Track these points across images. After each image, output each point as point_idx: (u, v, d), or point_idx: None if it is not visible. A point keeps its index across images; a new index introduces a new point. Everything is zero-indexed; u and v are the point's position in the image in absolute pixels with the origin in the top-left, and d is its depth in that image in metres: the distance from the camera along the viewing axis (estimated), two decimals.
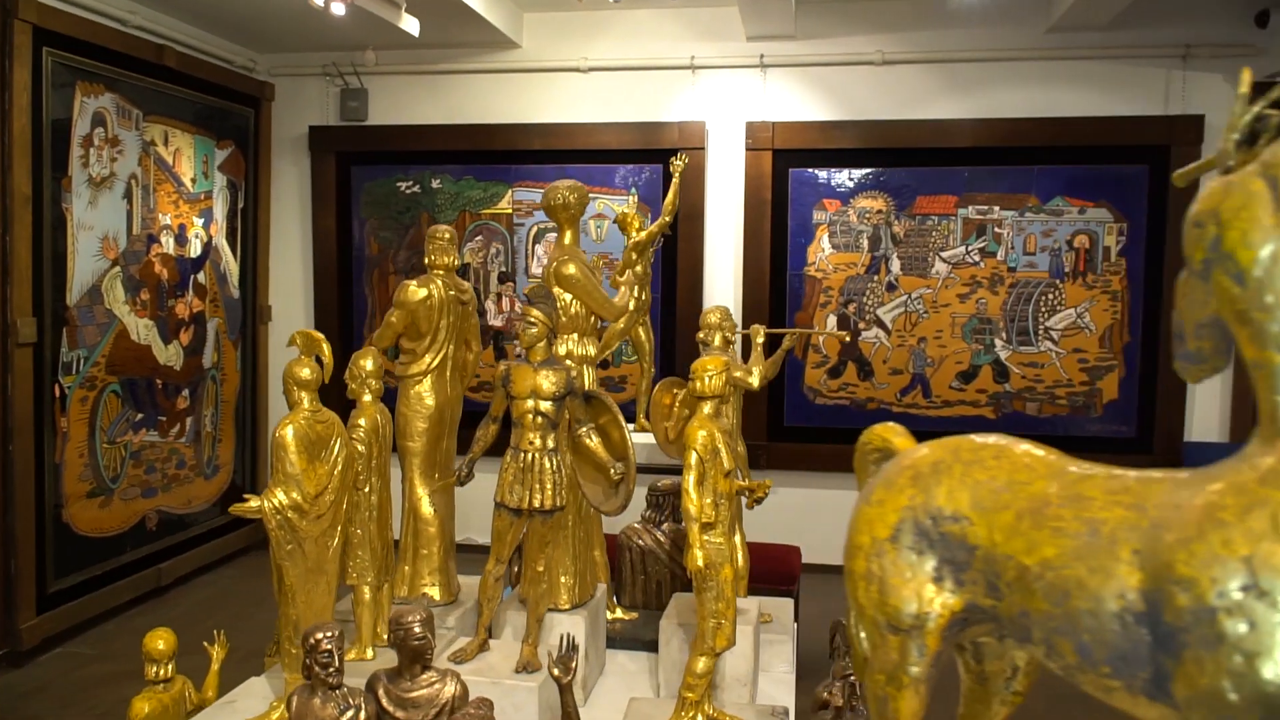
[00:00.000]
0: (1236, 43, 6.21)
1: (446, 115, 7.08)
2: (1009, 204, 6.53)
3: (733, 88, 6.79)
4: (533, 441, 3.35)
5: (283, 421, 3.15)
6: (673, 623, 3.58)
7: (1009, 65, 6.51)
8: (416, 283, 3.98)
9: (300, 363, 3.27)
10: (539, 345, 3.39)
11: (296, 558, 3.15)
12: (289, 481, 3.09)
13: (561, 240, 4.05)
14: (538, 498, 3.33)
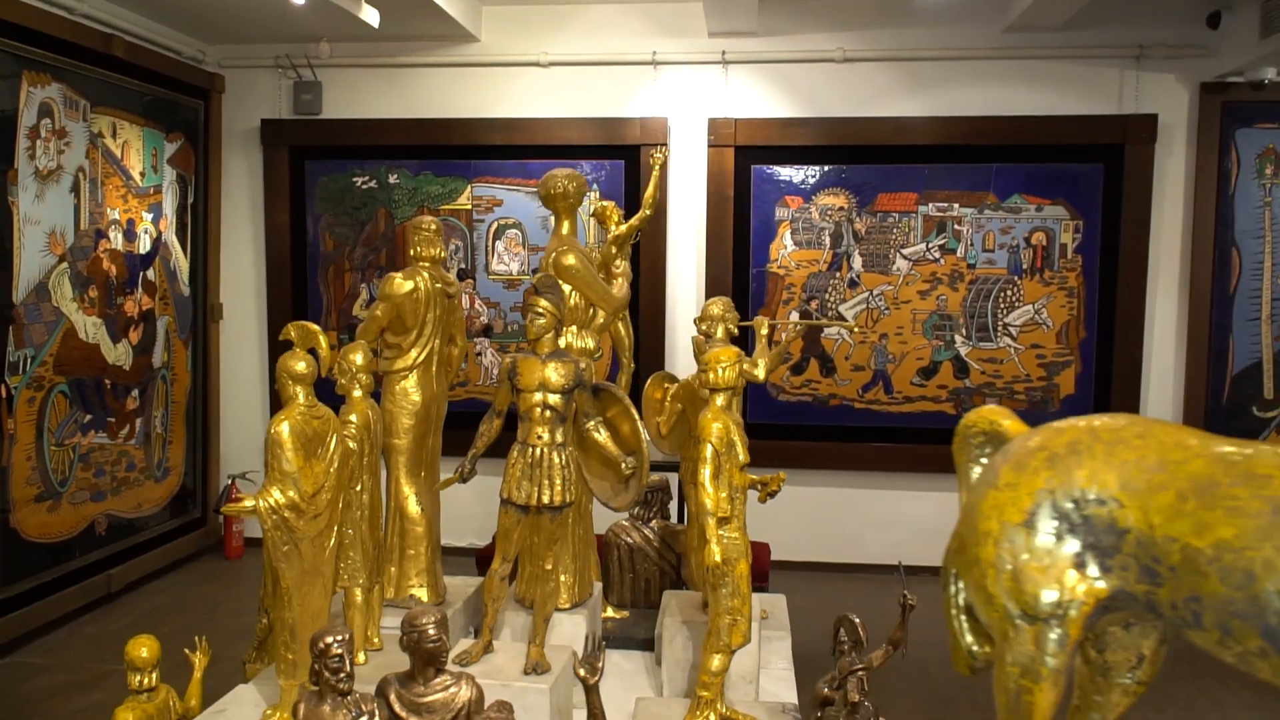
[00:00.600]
0: (1188, 43, 6.34)
1: (404, 109, 6.96)
2: (968, 201, 6.59)
3: (695, 84, 6.77)
4: (541, 436, 3.26)
5: (277, 417, 3.05)
6: (676, 620, 3.52)
7: (967, 64, 6.57)
8: (402, 275, 3.89)
9: (295, 356, 3.16)
10: (547, 337, 3.32)
11: (293, 559, 3.04)
12: (285, 480, 2.99)
13: (559, 230, 3.98)
14: (546, 494, 3.25)
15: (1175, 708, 4.89)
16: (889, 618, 3.16)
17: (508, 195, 6.90)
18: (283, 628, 3.10)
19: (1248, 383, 6.50)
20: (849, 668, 2.78)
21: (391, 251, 7.03)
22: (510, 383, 3.34)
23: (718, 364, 3.00)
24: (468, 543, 6.94)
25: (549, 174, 4.06)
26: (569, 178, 3.99)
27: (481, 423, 3.47)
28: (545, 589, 3.43)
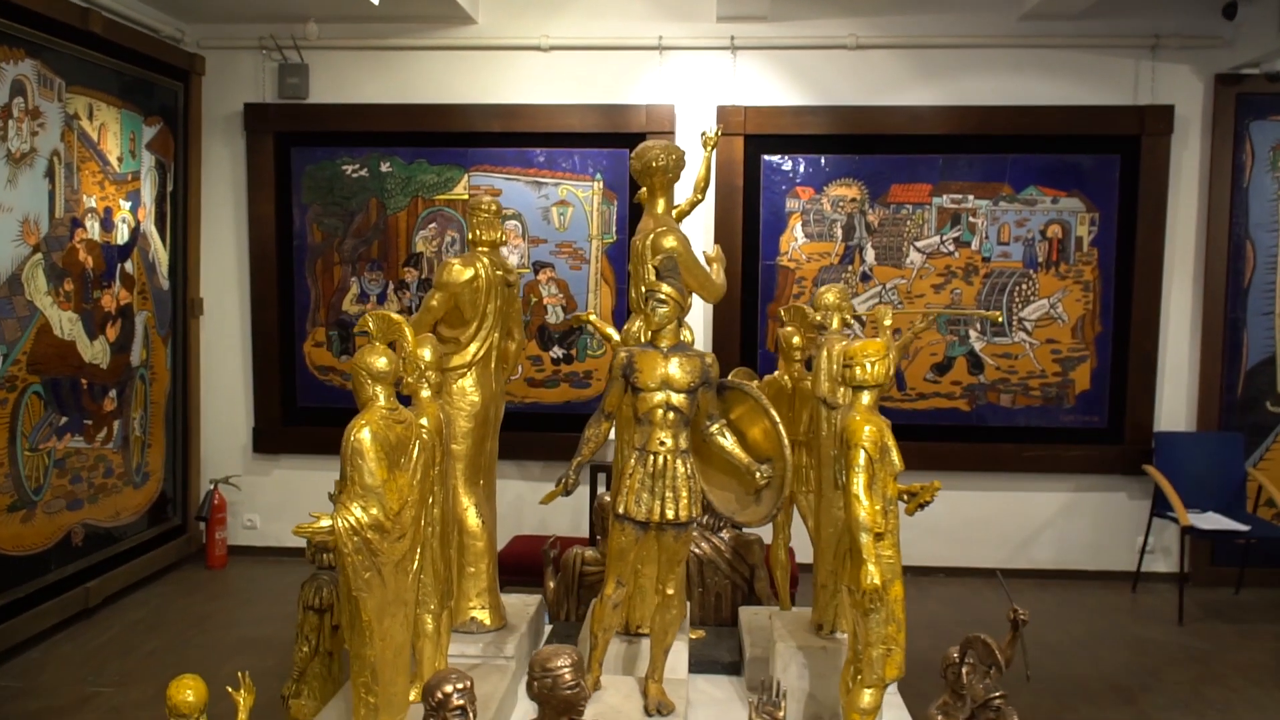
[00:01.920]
0: (1204, 34, 6.24)
1: (396, 94, 6.62)
2: (983, 193, 6.44)
3: (702, 70, 6.53)
4: (664, 442, 2.91)
5: (357, 422, 2.69)
6: (789, 645, 3.19)
7: (981, 52, 6.41)
8: (460, 261, 3.55)
9: (374, 351, 2.79)
10: (669, 327, 2.98)
11: (375, 587, 2.66)
12: (368, 495, 2.61)
13: (653, 209, 3.67)
14: (671, 508, 2.91)
15: (1213, 710, 4.77)
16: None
17: (507, 185, 6.60)
18: (363, 667, 2.71)
19: (1261, 377, 6.43)
20: (984, 695, 2.54)
21: (384, 243, 6.69)
22: (625, 380, 3.00)
23: (864, 358, 2.72)
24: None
25: (644, 145, 3.72)
26: (665, 149, 3.65)
27: (587, 426, 3.11)
28: (666, 616, 3.09)
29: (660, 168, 3.63)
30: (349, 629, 2.71)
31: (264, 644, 5.32)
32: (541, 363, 6.70)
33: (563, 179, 6.58)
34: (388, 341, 2.89)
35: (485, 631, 3.50)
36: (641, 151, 3.70)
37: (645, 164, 3.68)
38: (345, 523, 2.60)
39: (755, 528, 3.31)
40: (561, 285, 6.64)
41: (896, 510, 2.67)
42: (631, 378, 2.95)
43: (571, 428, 6.62)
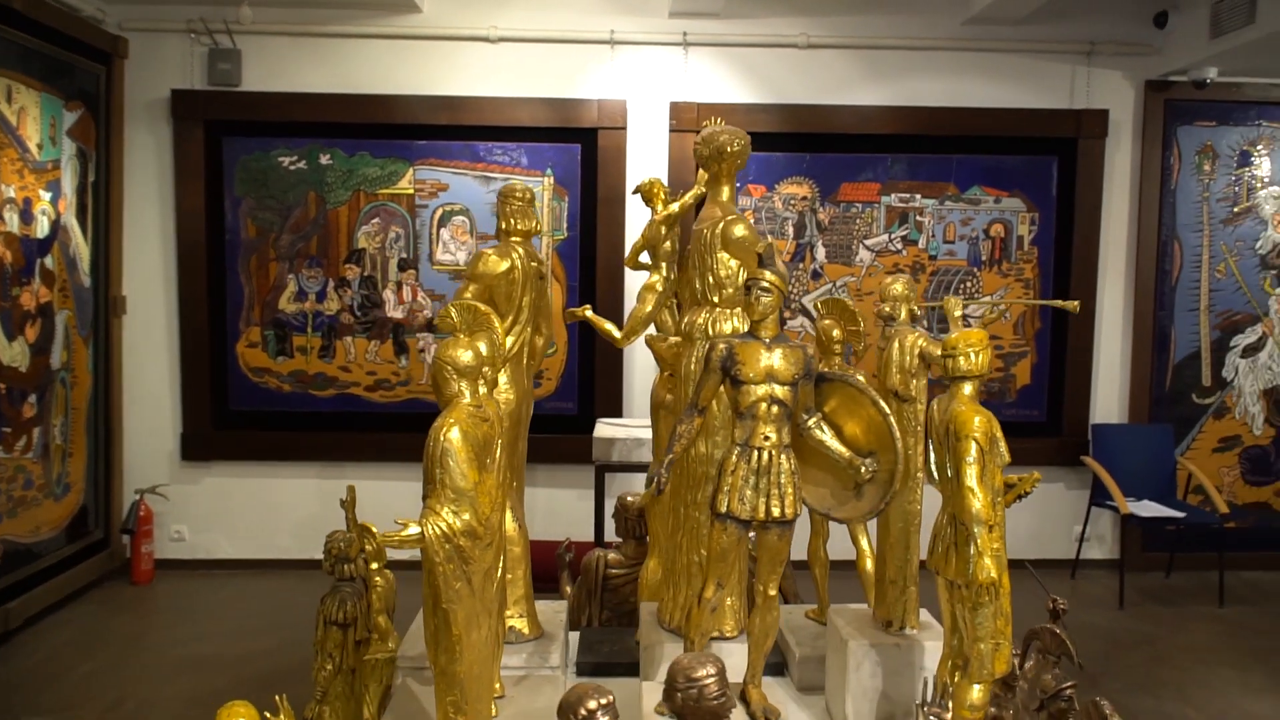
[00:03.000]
0: (1136, 41, 6.50)
1: (336, 84, 6.34)
2: (930, 192, 6.56)
3: (654, 66, 6.46)
4: (768, 437, 2.79)
5: (445, 421, 2.47)
6: (862, 643, 3.09)
7: (928, 55, 6.53)
8: (496, 252, 3.36)
9: (458, 344, 2.57)
10: (772, 318, 2.85)
11: (465, 597, 2.45)
12: (461, 499, 2.38)
13: (718, 196, 3.51)
14: (777, 506, 2.79)
15: (1167, 690, 4.95)
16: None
17: (454, 179, 6.40)
18: (451, 684, 2.49)
19: (1187, 371, 6.74)
20: (1054, 686, 2.53)
21: (324, 239, 6.40)
22: (724, 373, 2.85)
23: (968, 348, 2.63)
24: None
25: (711, 131, 3.52)
26: (735, 135, 3.46)
27: (679, 422, 2.95)
28: (767, 619, 2.94)
29: (733, 153, 3.45)
30: (433, 645, 2.51)
31: (209, 663, 5.02)
32: None
33: (512, 174, 6.42)
34: (472, 333, 2.71)
35: (524, 641, 3.34)
36: (710, 137, 3.50)
37: (715, 149, 3.48)
38: (436, 529, 2.38)
39: (857, 523, 3.18)
40: None
41: (1002, 502, 2.64)
42: (733, 370, 2.82)
43: None
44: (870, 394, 2.91)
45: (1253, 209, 6.66)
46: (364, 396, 6.49)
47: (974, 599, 2.56)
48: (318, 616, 3.10)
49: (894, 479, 2.83)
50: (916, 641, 3.12)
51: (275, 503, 6.58)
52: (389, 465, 6.50)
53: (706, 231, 3.34)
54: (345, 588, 3.11)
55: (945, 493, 2.70)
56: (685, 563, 3.24)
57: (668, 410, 3.74)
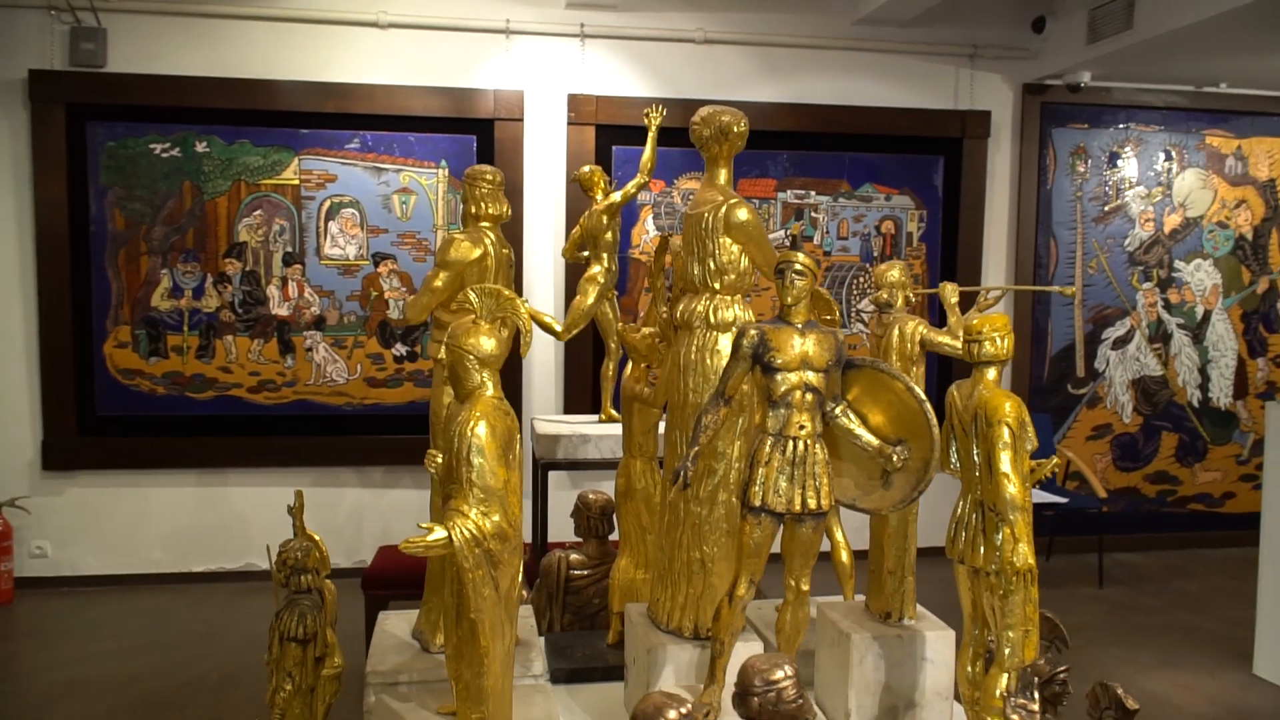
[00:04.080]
0: (1015, 46, 6.76)
1: (214, 67, 5.97)
2: (824, 189, 6.66)
3: (551, 57, 6.34)
4: (803, 426, 2.70)
5: (472, 414, 2.26)
6: (865, 636, 3.04)
7: (821, 53, 6.62)
8: (467, 238, 3.16)
9: (479, 330, 2.38)
10: (804, 302, 2.75)
11: (493, 605, 2.27)
12: (490, 499, 2.21)
13: (715, 179, 3.36)
14: (812, 497, 2.70)
15: None
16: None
17: (342, 170, 6.12)
18: (480, 699, 2.30)
19: (1063, 362, 7.05)
20: (1049, 671, 2.53)
21: (200, 232, 6.02)
22: (754, 360, 2.73)
23: (994, 332, 2.64)
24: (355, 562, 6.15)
25: (712, 110, 3.30)
26: (737, 116, 3.29)
27: (704, 414, 2.81)
28: (800, 614, 2.84)
29: (738, 134, 3.25)
30: (457, 658, 2.29)
31: (89, 689, 4.65)
32: (383, 361, 6.26)
33: (404, 165, 6.19)
34: (495, 320, 2.52)
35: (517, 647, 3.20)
36: (711, 117, 3.28)
37: (719, 129, 3.25)
38: (465, 533, 2.20)
39: (884, 514, 3.07)
40: (404, 278, 6.24)
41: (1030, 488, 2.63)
42: (765, 357, 2.71)
43: (418, 429, 6.26)
44: (905, 380, 2.81)
45: (1121, 208, 7.02)
46: (247, 399, 6.14)
47: (1005, 586, 2.53)
48: (271, 633, 2.86)
49: (929, 467, 2.74)
50: (918, 632, 3.10)
51: (147, 514, 6.16)
52: (275, 470, 6.19)
53: (707, 215, 3.16)
54: (304, 600, 2.88)
55: (966, 480, 2.67)
56: (685, 560, 3.12)
57: (643, 403, 3.64)
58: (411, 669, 3.11)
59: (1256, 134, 7.11)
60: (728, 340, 3.07)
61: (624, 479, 3.70)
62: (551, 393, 6.49)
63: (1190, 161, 7.08)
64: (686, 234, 3.24)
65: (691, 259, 3.20)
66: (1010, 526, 2.49)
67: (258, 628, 5.44)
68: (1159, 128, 7.03)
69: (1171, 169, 7.06)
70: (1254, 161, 7.13)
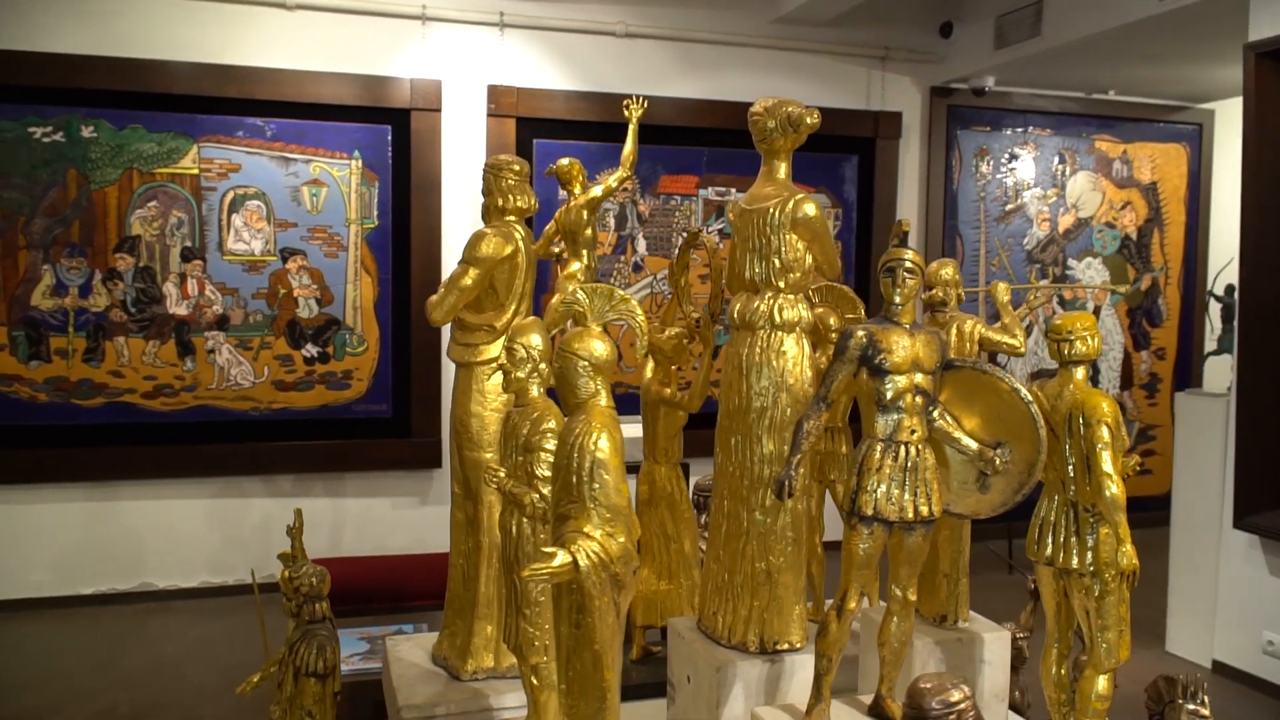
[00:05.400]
0: (924, 49, 6.92)
1: (103, 45, 5.49)
2: (744, 186, 6.59)
3: (469, 46, 6.11)
4: (914, 430, 2.60)
5: (590, 428, 2.08)
6: (927, 642, 2.95)
7: (740, 50, 6.62)
8: (498, 234, 2.94)
9: (590, 334, 2.21)
10: (912, 303, 2.67)
11: (616, 634, 2.11)
12: (616, 519, 2.05)
13: (775, 173, 3.18)
14: (924, 504, 2.60)
15: None
16: None
17: (247, 159, 5.74)
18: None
19: None
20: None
21: (87, 224, 5.53)
22: (863, 363, 2.60)
23: (1084, 331, 2.61)
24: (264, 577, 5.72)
25: (776, 101, 3.11)
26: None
27: (806, 419, 2.65)
28: (905, 626, 2.72)
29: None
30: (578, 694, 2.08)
31: None
32: (292, 362, 5.90)
33: (315, 155, 5.85)
34: (605, 324, 2.31)
35: None
36: (775, 107, 3.14)
37: (785, 121, 3.12)
38: (591, 556, 2.03)
39: (976, 518, 2.97)
40: (315, 275, 5.90)
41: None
42: (876, 359, 2.61)
43: (329, 434, 5.96)
44: (1011, 381, 2.73)
45: (1020, 209, 7.29)
46: (141, 405, 5.68)
47: (1102, 588, 2.52)
48: (285, 668, 2.60)
49: (1033, 469, 2.67)
50: (977, 635, 3.07)
51: (27, 533, 5.62)
52: (173, 482, 5.77)
53: (773, 210, 3.03)
54: (320, 631, 2.63)
55: (1052, 480, 2.63)
56: (749, 572, 2.98)
57: (670, 406, 3.49)
58: (447, 700, 2.93)
59: (1140, 139, 7.52)
60: (792, 340, 2.99)
61: (646, 486, 3.54)
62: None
63: (1081, 164, 7.42)
64: (742, 230, 3.10)
65: (752, 256, 3.07)
66: (1115, 527, 2.49)
67: (164, 652, 5.06)
68: (1053, 132, 7.34)
69: (1065, 171, 7.39)
70: (1138, 165, 7.54)
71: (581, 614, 2.12)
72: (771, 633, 3.00)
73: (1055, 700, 2.76)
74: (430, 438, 6.07)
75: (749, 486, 3.04)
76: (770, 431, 3.01)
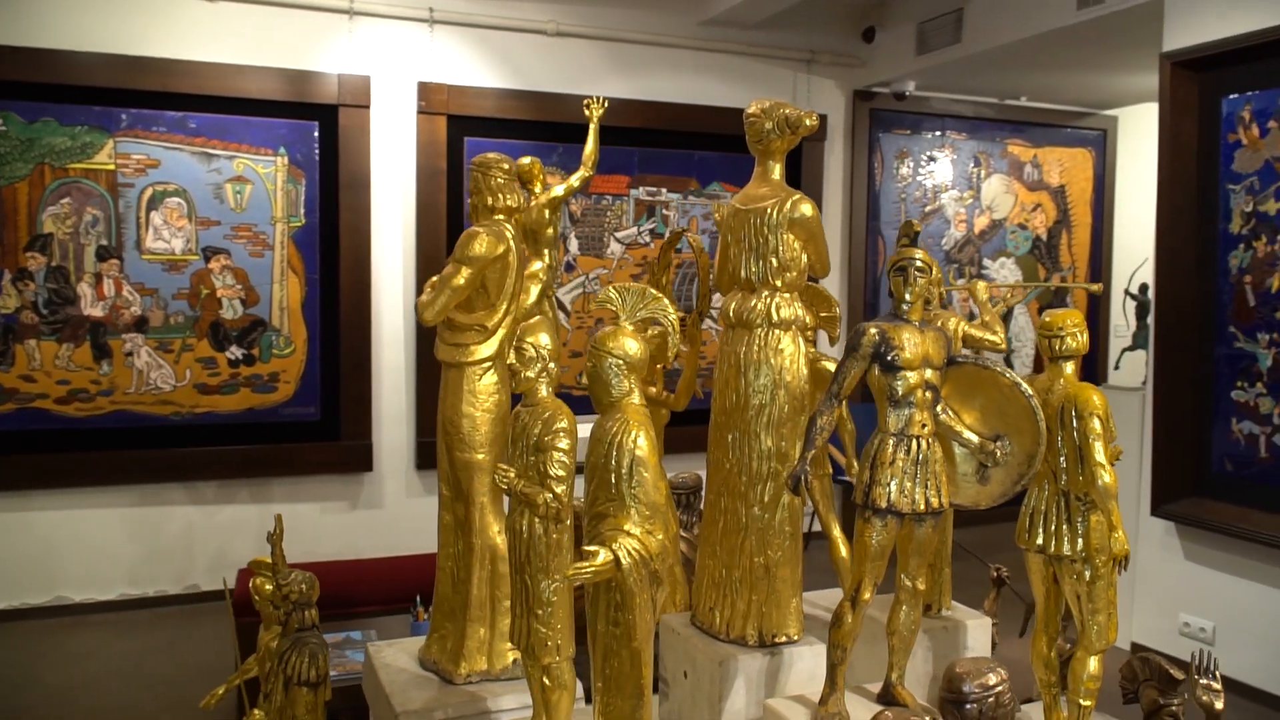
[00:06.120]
0: (848, 54, 7.08)
1: (13, 34, 5.22)
2: (674, 186, 6.71)
3: (398, 42, 6.01)
4: (925, 424, 2.64)
5: (627, 426, 2.08)
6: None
7: (669, 51, 6.67)
8: (489, 233, 2.87)
9: (622, 333, 2.19)
10: (920, 301, 2.67)
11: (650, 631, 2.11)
12: (655, 516, 2.05)
13: (770, 174, 3.13)
14: (934, 496, 2.64)
15: None
16: None
17: (166, 155, 5.54)
18: None
19: None
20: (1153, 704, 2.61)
21: None
22: (875, 359, 2.63)
23: (1074, 327, 2.67)
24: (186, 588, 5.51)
25: (773, 103, 3.11)
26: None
27: (820, 415, 2.65)
28: (914, 615, 2.75)
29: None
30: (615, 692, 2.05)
31: None
32: (215, 365, 5.72)
33: (238, 152, 5.68)
34: (637, 322, 2.26)
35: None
36: (772, 108, 3.15)
37: (783, 122, 3.12)
38: (631, 554, 2.03)
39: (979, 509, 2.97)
40: (240, 275, 5.73)
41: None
42: (889, 356, 2.64)
43: (255, 439, 5.81)
44: (1012, 375, 2.77)
45: (939, 210, 7.52)
46: (54, 411, 5.43)
47: (1093, 573, 2.59)
48: (275, 678, 2.51)
49: (1033, 461, 2.71)
50: (960, 623, 3.12)
51: None
52: (89, 491, 5.54)
53: (771, 210, 3.03)
54: (311, 639, 2.54)
55: (1042, 472, 2.70)
56: (748, 566, 2.97)
57: (656, 404, 3.48)
58: (444, 704, 2.86)
59: (1050, 144, 7.82)
60: (789, 338, 3.01)
61: None
62: (402, 403, 6.14)
63: (995, 168, 7.69)
64: (737, 229, 3.10)
65: (749, 255, 3.08)
66: (1108, 514, 2.57)
67: (85, 670, 4.86)
68: (968, 136, 7.59)
69: (980, 174, 7.64)
70: (1047, 169, 7.84)
71: (621, 611, 2.12)
72: (770, 625, 3.03)
73: (1045, 681, 2.86)
74: (361, 440, 5.96)
75: (747, 483, 3.05)
76: (768, 428, 3.02)
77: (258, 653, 2.56)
